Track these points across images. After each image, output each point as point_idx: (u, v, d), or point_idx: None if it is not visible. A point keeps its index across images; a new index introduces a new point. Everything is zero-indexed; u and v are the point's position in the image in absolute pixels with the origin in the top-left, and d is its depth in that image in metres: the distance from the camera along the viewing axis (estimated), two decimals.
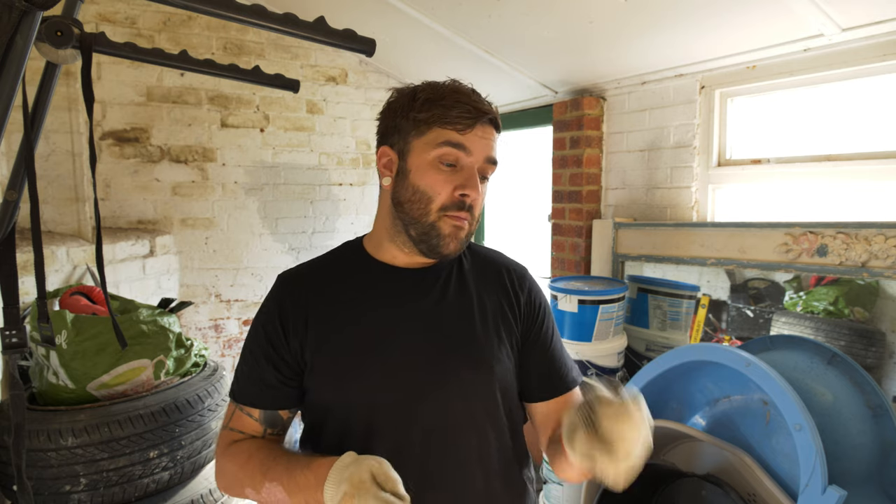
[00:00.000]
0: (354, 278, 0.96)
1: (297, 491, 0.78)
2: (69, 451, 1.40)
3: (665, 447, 1.64)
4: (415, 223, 0.90)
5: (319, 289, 0.94)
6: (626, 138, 2.52)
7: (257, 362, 0.92)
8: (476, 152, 0.88)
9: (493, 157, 0.91)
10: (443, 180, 0.88)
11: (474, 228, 0.93)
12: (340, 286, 0.95)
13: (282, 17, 1.06)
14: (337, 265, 0.99)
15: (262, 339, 0.93)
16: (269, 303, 0.95)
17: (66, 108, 2.34)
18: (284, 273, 0.99)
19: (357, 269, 0.97)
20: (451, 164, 0.88)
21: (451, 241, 0.89)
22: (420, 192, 0.89)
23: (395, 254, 0.96)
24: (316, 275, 0.98)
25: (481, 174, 0.90)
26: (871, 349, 1.69)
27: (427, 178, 0.88)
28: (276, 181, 3.16)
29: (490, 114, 0.89)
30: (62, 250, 2.11)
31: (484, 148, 0.89)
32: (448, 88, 0.90)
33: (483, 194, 0.92)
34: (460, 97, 0.88)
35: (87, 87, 1.07)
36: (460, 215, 0.88)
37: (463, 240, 0.91)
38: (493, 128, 0.91)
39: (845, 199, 1.88)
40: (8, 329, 1.16)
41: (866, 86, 1.81)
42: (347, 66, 3.29)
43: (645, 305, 2.33)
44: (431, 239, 0.89)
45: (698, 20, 1.85)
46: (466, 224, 0.90)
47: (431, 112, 0.88)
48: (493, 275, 1.02)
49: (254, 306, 3.17)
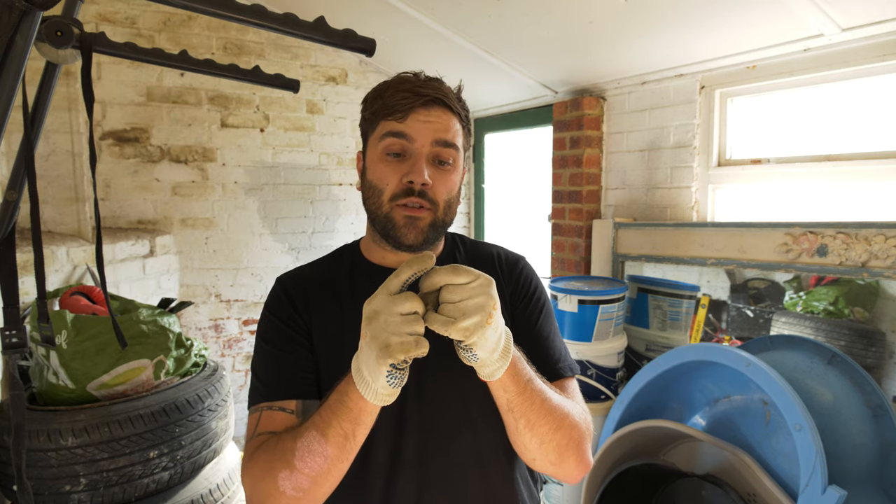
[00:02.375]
0: (349, 280, 0.95)
1: (331, 415, 0.73)
2: (69, 451, 1.40)
3: (665, 447, 1.64)
4: (374, 218, 0.91)
5: (317, 290, 0.94)
6: (626, 138, 2.52)
7: (283, 351, 0.88)
8: (419, 137, 0.86)
9: (444, 138, 0.87)
10: (390, 171, 0.87)
11: (442, 218, 0.90)
12: (336, 289, 0.94)
13: (282, 17, 1.06)
14: (333, 267, 0.99)
15: (280, 329, 0.90)
16: (277, 299, 0.94)
17: (66, 108, 2.34)
18: (283, 275, 0.99)
19: (352, 272, 0.97)
20: (397, 153, 0.87)
21: (408, 231, 0.87)
22: (372, 187, 0.89)
23: (382, 254, 0.96)
24: (314, 276, 0.97)
25: (436, 158, 0.87)
26: (871, 349, 1.69)
27: (377, 171, 0.88)
28: (276, 181, 3.16)
29: (429, 95, 0.86)
30: (62, 250, 2.11)
31: (429, 131, 0.86)
32: (393, 80, 0.89)
33: (447, 181, 0.89)
34: (400, 85, 0.87)
35: (87, 87, 1.06)
36: (409, 202, 0.86)
37: (424, 229, 0.87)
38: (444, 108, 0.87)
39: (845, 199, 1.88)
40: (8, 329, 1.15)
41: (866, 86, 1.81)
42: (347, 66, 3.29)
43: (645, 305, 2.33)
44: (389, 231, 0.88)
45: (698, 20, 1.85)
46: (425, 213, 0.87)
47: (375, 107, 0.89)
48: (485, 266, 1.00)
49: (254, 306, 3.17)
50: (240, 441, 2.63)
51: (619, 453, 1.67)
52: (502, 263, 1.03)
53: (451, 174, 0.90)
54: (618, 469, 1.64)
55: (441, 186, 0.88)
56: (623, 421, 1.71)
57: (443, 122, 0.87)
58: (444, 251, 1.02)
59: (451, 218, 0.92)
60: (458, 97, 0.92)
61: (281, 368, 0.88)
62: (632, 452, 1.66)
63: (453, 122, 0.89)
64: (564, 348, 1.02)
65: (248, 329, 3.18)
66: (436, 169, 0.88)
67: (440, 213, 0.89)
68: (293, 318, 0.90)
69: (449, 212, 0.91)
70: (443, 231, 0.93)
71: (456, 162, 0.90)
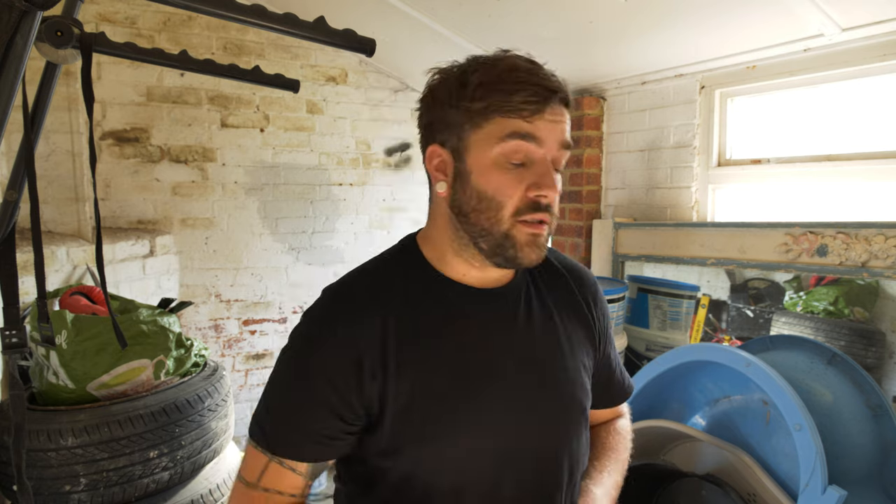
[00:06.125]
0: (428, 300, 0.78)
1: None
2: (69, 451, 1.40)
3: (665, 447, 1.64)
4: (485, 235, 0.74)
5: (389, 313, 0.75)
6: (626, 138, 2.52)
7: (314, 412, 0.73)
8: (549, 141, 0.72)
9: (568, 140, 0.75)
10: (512, 181, 0.72)
11: (554, 227, 0.78)
12: (413, 310, 0.76)
13: (282, 17, 1.06)
14: (402, 282, 0.79)
15: (320, 384, 0.73)
16: (326, 329, 0.74)
17: (66, 108, 2.34)
18: (339, 289, 0.78)
19: (429, 289, 0.79)
20: (520, 160, 0.73)
21: (530, 251, 0.74)
22: (487, 199, 0.73)
23: (464, 270, 0.79)
24: (380, 294, 0.77)
25: (555, 164, 0.75)
26: (871, 349, 1.69)
27: (493, 180, 0.73)
28: (276, 181, 3.16)
29: (561, 91, 0.73)
30: (62, 250, 2.11)
31: (557, 134, 0.73)
32: (506, 66, 0.72)
33: (559, 187, 0.77)
34: (522, 75, 0.71)
35: (87, 87, 1.06)
36: (537, 218, 0.73)
37: (544, 245, 0.76)
38: (564, 106, 0.74)
39: (845, 199, 1.88)
40: (8, 329, 1.15)
41: (866, 86, 1.81)
42: (347, 66, 3.29)
43: (645, 305, 2.33)
44: (507, 251, 0.74)
45: (698, 20, 1.85)
46: (545, 228, 0.75)
47: (489, 99, 0.71)
48: (565, 284, 0.90)
49: (254, 306, 3.17)
50: (240, 441, 2.63)
51: None
52: (583, 287, 0.91)
53: (560, 180, 0.77)
54: None
55: (557, 195, 0.76)
56: None
57: (566, 121, 0.75)
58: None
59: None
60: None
61: (301, 427, 0.74)
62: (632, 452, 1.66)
63: (569, 121, 0.77)
64: (619, 361, 1.01)
65: (248, 329, 3.18)
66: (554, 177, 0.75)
67: (553, 224, 0.77)
68: (344, 377, 0.72)
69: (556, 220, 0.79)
70: None
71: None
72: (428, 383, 0.74)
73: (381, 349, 0.73)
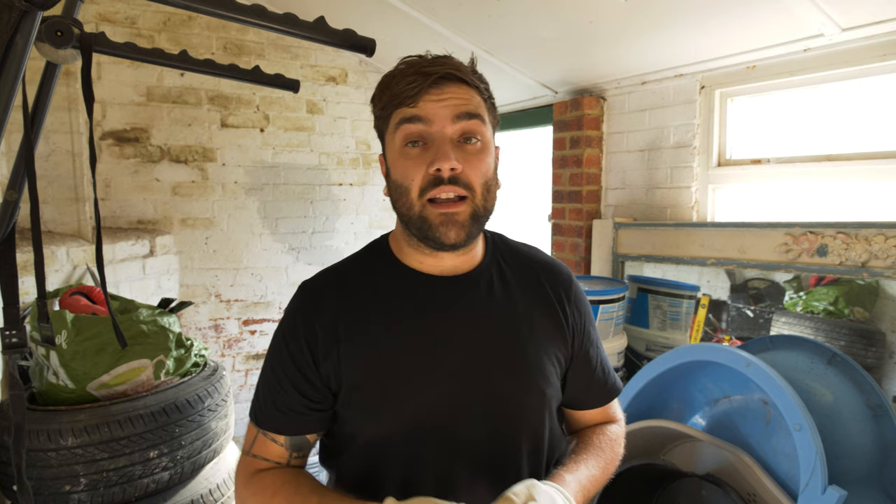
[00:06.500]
0: (387, 288, 0.85)
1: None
2: (69, 451, 1.40)
3: (665, 447, 1.64)
4: (407, 221, 0.81)
5: (349, 301, 0.84)
6: (626, 138, 2.52)
7: (281, 386, 0.83)
8: (437, 118, 0.77)
9: (465, 110, 0.78)
10: (412, 164, 0.77)
11: (483, 205, 0.80)
12: (373, 297, 0.84)
13: (282, 17, 1.06)
14: (366, 272, 0.88)
15: (286, 362, 0.83)
16: (293, 318, 0.85)
17: (66, 108, 2.34)
18: (308, 283, 0.88)
19: (388, 277, 0.86)
20: (416, 141, 0.78)
21: (448, 230, 0.77)
22: (398, 186, 0.80)
23: (420, 258, 0.86)
24: (344, 284, 0.86)
25: (462, 136, 0.78)
26: (871, 349, 1.69)
27: (399, 167, 0.79)
28: (276, 181, 3.16)
29: (438, 72, 0.77)
30: (62, 250, 2.11)
31: (447, 109, 0.77)
32: (397, 67, 0.81)
33: (480, 160, 0.79)
34: (406, 70, 0.78)
35: (87, 87, 1.06)
36: (441, 193, 0.76)
37: (465, 224, 0.78)
38: (458, 83, 0.79)
39: (845, 199, 1.88)
40: (8, 329, 1.16)
41: (866, 86, 1.81)
42: (347, 66, 3.29)
43: (645, 305, 2.33)
44: (426, 232, 0.79)
45: (698, 20, 1.85)
46: (462, 206, 0.78)
47: (384, 100, 0.80)
48: (537, 280, 0.92)
49: (254, 306, 3.17)
50: (239, 441, 2.62)
51: None
52: (555, 281, 0.93)
53: (481, 153, 0.79)
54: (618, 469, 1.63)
55: (473, 168, 0.78)
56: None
57: (460, 96, 0.78)
58: (486, 257, 0.91)
59: (492, 205, 0.82)
60: (472, 69, 0.83)
61: (275, 402, 0.83)
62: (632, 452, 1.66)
63: (472, 95, 0.80)
64: (606, 362, 1.00)
65: (248, 329, 3.18)
66: (463, 150, 0.78)
67: (479, 199, 0.79)
68: (303, 357, 0.82)
69: (489, 197, 0.81)
70: (485, 221, 0.83)
71: (484, 137, 0.80)
72: (378, 360, 0.81)
73: (335, 331, 0.82)
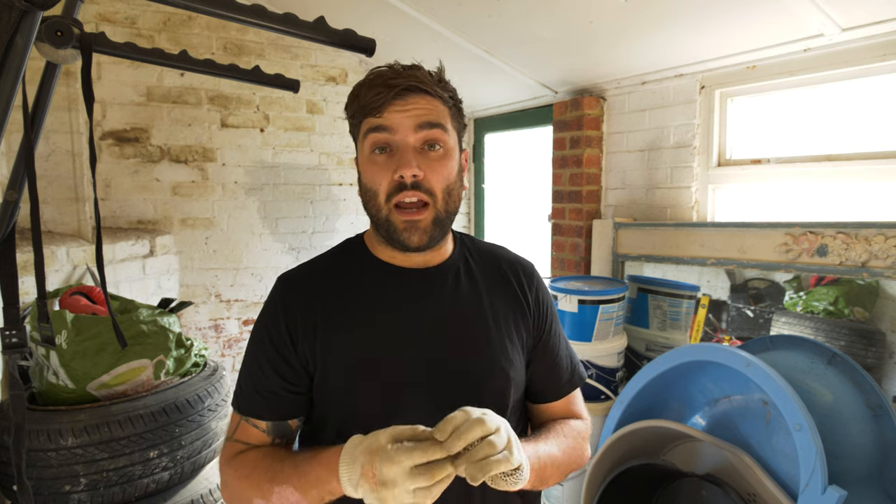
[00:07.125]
0: (361, 279, 0.91)
1: (310, 487, 0.74)
2: (69, 451, 1.40)
3: (665, 447, 1.64)
4: (376, 222, 0.88)
5: (325, 290, 0.89)
6: (626, 138, 2.52)
7: (262, 370, 0.87)
8: (401, 127, 0.82)
9: (426, 120, 0.83)
10: (378, 170, 0.84)
11: (444, 209, 0.86)
12: (346, 288, 0.90)
13: (282, 17, 1.06)
14: (340, 265, 0.94)
15: (266, 346, 0.87)
16: (272, 306, 0.90)
17: (66, 108, 2.34)
18: (285, 274, 0.94)
19: (362, 269, 0.92)
20: (382, 148, 0.84)
21: (411, 234, 0.84)
22: (367, 190, 0.87)
23: (391, 254, 0.92)
24: (319, 275, 0.93)
25: (426, 143, 0.84)
26: (871, 349, 1.69)
27: (367, 172, 0.86)
28: (276, 181, 3.16)
29: (401, 85, 0.82)
30: (62, 250, 2.11)
31: (409, 119, 0.82)
32: (366, 78, 0.87)
33: (441, 167, 0.84)
34: (373, 81, 0.84)
35: (87, 87, 1.06)
36: (404, 198, 0.82)
37: (427, 229, 0.84)
38: (421, 94, 0.84)
39: (845, 199, 1.88)
40: (8, 329, 1.15)
41: (866, 86, 1.81)
42: (347, 66, 3.29)
43: (645, 305, 2.33)
44: (392, 235, 0.85)
45: (698, 20, 1.85)
46: (424, 213, 0.83)
47: (354, 109, 0.87)
48: (501, 273, 0.98)
49: (254, 306, 3.17)
50: None
51: (619, 453, 1.67)
52: (519, 274, 0.99)
53: (444, 159, 0.85)
54: (618, 469, 1.64)
55: (435, 175, 0.84)
56: (623, 421, 1.71)
57: (422, 106, 0.84)
58: (454, 253, 0.97)
59: (454, 207, 0.88)
60: (439, 79, 0.88)
61: (255, 387, 0.87)
62: (632, 452, 1.66)
63: (435, 104, 0.85)
64: (572, 356, 1.04)
65: (248, 329, 3.18)
66: (426, 157, 0.84)
67: (440, 204, 0.85)
68: (282, 340, 0.86)
69: (450, 201, 0.87)
70: (448, 224, 0.89)
71: (447, 145, 0.86)
72: (353, 345, 0.85)
73: (312, 315, 0.86)
